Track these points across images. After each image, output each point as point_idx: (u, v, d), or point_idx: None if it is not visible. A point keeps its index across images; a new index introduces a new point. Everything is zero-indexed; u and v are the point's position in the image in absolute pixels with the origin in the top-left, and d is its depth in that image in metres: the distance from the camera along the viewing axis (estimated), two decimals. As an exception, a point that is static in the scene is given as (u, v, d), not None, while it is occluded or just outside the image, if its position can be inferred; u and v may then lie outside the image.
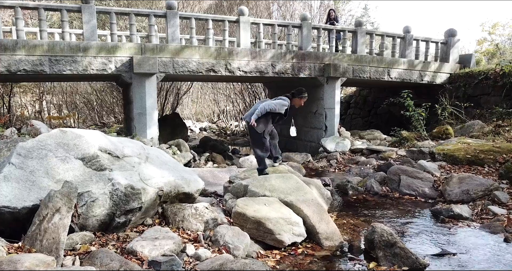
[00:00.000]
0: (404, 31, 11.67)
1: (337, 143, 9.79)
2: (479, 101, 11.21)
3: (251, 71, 9.73)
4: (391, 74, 11.37)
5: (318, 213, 3.76)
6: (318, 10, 15.53)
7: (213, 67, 9.32)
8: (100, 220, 3.22)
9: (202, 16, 9.74)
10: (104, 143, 3.55)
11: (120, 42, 8.50)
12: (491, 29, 27.61)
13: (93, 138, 3.51)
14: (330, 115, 10.52)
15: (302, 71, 10.24)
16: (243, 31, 9.59)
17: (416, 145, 8.84)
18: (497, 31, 27.49)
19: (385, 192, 5.60)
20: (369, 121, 15.68)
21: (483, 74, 11.22)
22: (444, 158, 6.07)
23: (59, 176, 3.15)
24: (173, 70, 8.99)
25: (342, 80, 10.73)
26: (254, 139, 5.07)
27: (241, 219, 3.47)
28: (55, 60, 7.92)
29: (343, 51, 10.88)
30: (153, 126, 8.76)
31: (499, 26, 27.39)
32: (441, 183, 5.34)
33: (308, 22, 10.31)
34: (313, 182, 4.91)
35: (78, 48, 8.08)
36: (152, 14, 8.88)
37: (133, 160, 3.67)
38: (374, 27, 29.81)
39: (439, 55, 12.31)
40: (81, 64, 8.13)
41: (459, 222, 4.19)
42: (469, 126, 9.33)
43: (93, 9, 8.23)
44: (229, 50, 9.37)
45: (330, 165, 8.75)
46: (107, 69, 8.40)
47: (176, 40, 9.01)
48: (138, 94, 8.64)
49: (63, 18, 8.13)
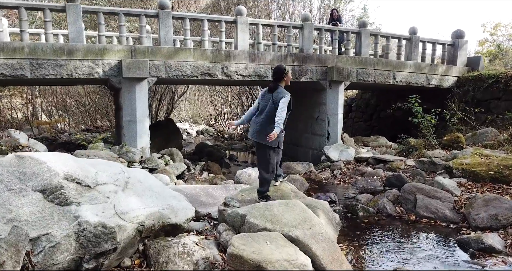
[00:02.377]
0: (410, 32, 11.10)
1: (341, 151, 9.19)
2: (489, 105, 10.64)
3: (249, 75, 9.13)
4: (397, 78, 10.79)
5: (329, 251, 3.16)
6: (318, 11, 14.92)
7: (209, 71, 8.71)
8: (64, 268, 2.61)
9: (197, 16, 9.12)
10: (72, 170, 2.93)
11: (108, 44, 7.89)
12: (492, 30, 27.14)
13: (57, 164, 2.89)
14: (333, 121, 9.93)
15: (304, 75, 9.65)
16: (241, 32, 8.98)
17: (426, 154, 8.27)
18: (499, 31, 27.01)
19: (399, 213, 5.01)
20: (371, 125, 15.10)
21: (493, 77, 10.65)
22: (463, 174, 5.48)
23: (11, 214, 2.53)
24: (166, 74, 8.38)
25: (346, 84, 10.14)
26: (262, 157, 4.35)
27: (238, 262, 2.87)
28: (36, 64, 7.30)
29: (347, 54, 10.29)
30: (144, 135, 8.14)
31: (500, 26, 26.92)
32: (463, 204, 4.75)
33: (309, 22, 9.71)
34: (320, 204, 4.31)
35: (62, 51, 7.46)
36: (143, 14, 8.26)
37: (108, 188, 3.06)
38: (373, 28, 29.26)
39: (446, 57, 11.75)
40: (65, 68, 7.51)
41: (492, 257, 3.60)
42: (481, 134, 8.75)
43: (79, 8, 7.61)
44: (226, 53, 8.76)
45: (334, 176, 8.15)
46: (94, 73, 7.78)
47: (169, 42, 8.40)
48: (127, 100, 8.02)
49: (46, 18, 7.50)
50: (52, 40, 7.60)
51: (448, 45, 11.70)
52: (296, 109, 11.54)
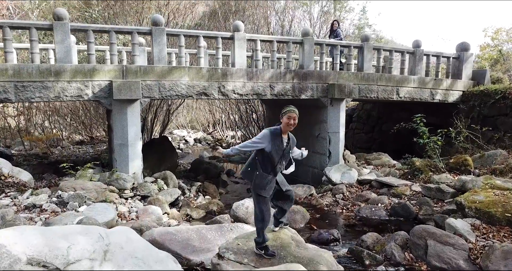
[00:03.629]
0: (414, 45, 10.71)
1: (343, 173, 8.80)
2: (496, 122, 10.27)
3: (247, 93, 8.74)
4: (400, 93, 10.41)
5: None
6: (318, 20, 14.46)
7: (205, 90, 8.31)
8: None
9: (192, 33, 8.71)
10: (38, 250, 2.53)
11: (98, 65, 7.48)
12: (494, 35, 26.83)
13: (19, 246, 2.49)
14: (334, 139, 9.54)
15: (304, 92, 9.26)
16: (239, 49, 8.58)
17: (433, 179, 7.89)
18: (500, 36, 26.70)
19: (409, 261, 4.62)
20: (373, 137, 14.74)
21: (500, 93, 10.27)
22: (477, 214, 5.08)
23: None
24: (159, 94, 7.99)
25: (348, 101, 9.77)
26: (254, 200, 4.03)
27: None
28: (21, 86, 6.89)
29: (348, 69, 9.89)
30: (136, 159, 7.73)
31: (502, 31, 26.61)
32: (479, 253, 4.37)
33: (310, 37, 9.32)
34: (323, 259, 3.91)
35: (49, 72, 7.06)
36: (136, 32, 7.85)
37: (82, 266, 2.65)
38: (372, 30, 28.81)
39: (451, 70, 11.36)
40: (52, 90, 7.11)
41: None
42: (490, 156, 8.37)
43: (67, 27, 7.20)
44: (223, 71, 8.37)
45: (337, 203, 7.75)
46: (83, 95, 7.39)
47: (163, 60, 7.99)
48: (119, 122, 7.62)
49: (32, 37, 7.09)
50: (38, 60, 7.19)
51: (453, 58, 11.33)
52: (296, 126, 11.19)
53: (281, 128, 3.89)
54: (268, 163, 3.86)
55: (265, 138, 3.84)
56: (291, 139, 4.02)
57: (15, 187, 6.32)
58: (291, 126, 3.86)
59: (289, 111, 3.84)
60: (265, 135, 3.85)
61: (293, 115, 3.83)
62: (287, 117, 3.82)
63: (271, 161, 3.86)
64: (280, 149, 3.86)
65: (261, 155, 3.88)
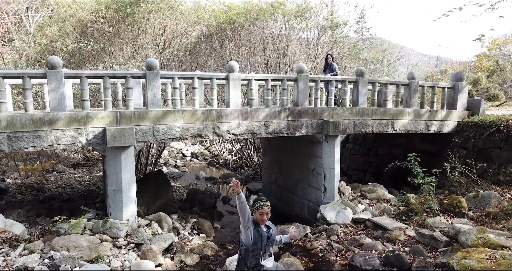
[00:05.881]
0: (409, 78, 10.75)
1: (338, 212, 8.82)
2: (490, 154, 10.30)
3: (242, 133, 8.76)
4: (395, 126, 10.44)
5: None
6: (315, 47, 14.45)
7: (200, 132, 8.33)
8: None
9: (187, 75, 8.72)
10: None
11: (92, 111, 7.46)
12: (490, 45, 26.94)
13: None
14: (329, 175, 9.56)
15: (298, 130, 9.28)
16: (233, 89, 8.59)
17: (427, 222, 7.93)
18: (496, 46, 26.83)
19: None
20: (369, 160, 14.76)
21: (494, 126, 10.29)
22: (469, 282, 5.13)
23: None
24: (153, 138, 7.99)
25: (342, 136, 9.78)
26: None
27: None
28: (15, 137, 6.88)
29: (343, 104, 9.91)
30: (130, 204, 7.73)
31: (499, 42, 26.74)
32: None
33: (304, 75, 9.33)
34: None
35: (42, 122, 7.04)
36: (130, 76, 7.85)
37: None
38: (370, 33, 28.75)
39: (446, 101, 11.40)
40: (46, 139, 7.09)
41: None
42: (484, 197, 8.41)
43: (61, 75, 7.18)
44: (218, 113, 8.38)
45: (331, 247, 7.77)
46: (76, 142, 7.39)
47: (157, 104, 7.99)
48: (113, 168, 7.62)
49: (25, 86, 7.08)
50: (32, 109, 7.17)
51: (448, 88, 11.36)
52: (292, 157, 11.27)
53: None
54: (250, 252, 3.95)
55: (251, 223, 3.92)
56: (271, 228, 4.09)
57: (7, 242, 6.31)
58: (264, 220, 3.95)
59: (261, 207, 3.92)
60: (251, 221, 3.94)
61: (266, 210, 3.92)
62: (260, 213, 3.93)
63: (254, 249, 3.94)
64: (260, 238, 3.94)
65: (244, 246, 3.98)
